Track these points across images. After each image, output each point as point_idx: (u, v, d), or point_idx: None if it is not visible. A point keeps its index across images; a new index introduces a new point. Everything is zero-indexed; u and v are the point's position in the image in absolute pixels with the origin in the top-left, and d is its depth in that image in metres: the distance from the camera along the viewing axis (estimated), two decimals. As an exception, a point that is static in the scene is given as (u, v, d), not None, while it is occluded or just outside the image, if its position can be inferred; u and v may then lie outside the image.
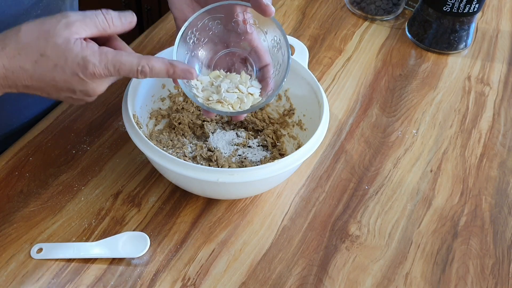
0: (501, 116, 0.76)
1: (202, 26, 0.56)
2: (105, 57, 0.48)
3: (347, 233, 0.60)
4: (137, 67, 0.49)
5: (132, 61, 0.49)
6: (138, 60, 0.49)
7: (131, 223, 0.59)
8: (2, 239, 0.57)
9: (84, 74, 0.48)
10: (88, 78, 0.49)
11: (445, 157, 0.69)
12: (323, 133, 0.57)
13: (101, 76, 0.49)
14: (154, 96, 0.66)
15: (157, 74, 0.51)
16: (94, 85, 0.50)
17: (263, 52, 0.57)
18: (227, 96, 0.55)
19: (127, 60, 0.49)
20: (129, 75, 0.50)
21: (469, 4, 0.78)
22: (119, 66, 0.49)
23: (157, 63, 0.50)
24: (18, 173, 0.63)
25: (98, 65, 0.48)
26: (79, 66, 0.48)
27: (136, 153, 0.66)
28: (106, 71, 0.49)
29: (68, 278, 0.54)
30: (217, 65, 0.59)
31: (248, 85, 0.57)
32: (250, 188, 0.58)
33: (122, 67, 0.49)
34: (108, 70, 0.49)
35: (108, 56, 0.49)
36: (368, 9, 0.89)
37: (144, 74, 0.50)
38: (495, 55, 0.86)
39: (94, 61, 0.48)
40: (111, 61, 0.49)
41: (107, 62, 0.49)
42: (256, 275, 0.56)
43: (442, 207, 0.64)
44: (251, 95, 0.56)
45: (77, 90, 0.50)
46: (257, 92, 0.56)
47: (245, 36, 0.57)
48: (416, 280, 0.57)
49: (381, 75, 0.81)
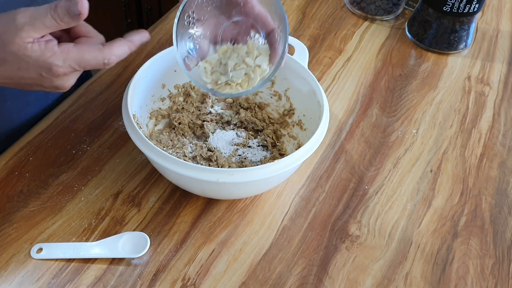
0: (501, 116, 0.76)
1: (198, 6, 0.55)
2: (67, 56, 0.48)
3: (347, 233, 0.60)
4: (103, 61, 0.50)
5: (95, 56, 0.49)
6: (102, 54, 0.49)
7: (131, 223, 0.59)
8: (2, 239, 0.57)
9: (48, 74, 0.49)
10: (54, 77, 0.49)
11: (445, 157, 0.69)
12: (323, 133, 0.57)
13: (65, 74, 0.49)
14: (154, 96, 0.66)
15: (122, 57, 0.51)
16: (61, 82, 0.50)
17: (266, 17, 0.56)
18: (234, 75, 0.54)
19: (90, 56, 0.49)
20: (94, 68, 0.50)
21: (469, 4, 0.78)
22: (84, 63, 0.49)
23: (119, 49, 0.50)
24: (18, 173, 0.63)
25: (61, 65, 0.48)
26: (42, 68, 0.48)
27: (136, 153, 0.66)
28: (70, 68, 0.49)
29: (68, 278, 0.54)
30: (224, 39, 0.58)
31: (256, 54, 0.56)
32: (250, 188, 0.58)
33: (87, 63, 0.49)
34: (72, 67, 0.49)
35: (70, 55, 0.48)
36: (368, 9, 0.89)
37: (111, 63, 0.50)
38: (495, 55, 0.86)
39: (56, 63, 0.48)
40: (73, 59, 0.48)
41: (70, 61, 0.48)
42: (256, 275, 0.56)
43: (442, 207, 0.64)
44: (259, 67, 0.55)
45: (46, 86, 0.50)
46: (266, 61, 0.56)
47: (245, 3, 0.56)
48: (416, 280, 0.57)
49: (381, 75, 0.81)
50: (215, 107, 0.71)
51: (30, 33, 0.47)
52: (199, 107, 0.70)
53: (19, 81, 0.50)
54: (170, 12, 0.89)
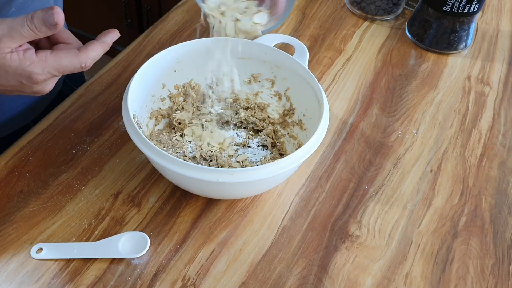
0: (501, 116, 0.76)
1: None
2: (45, 64, 0.50)
3: (347, 233, 0.60)
4: (79, 65, 0.51)
5: (72, 61, 0.51)
6: (78, 59, 0.51)
7: (131, 223, 0.59)
8: (2, 239, 0.57)
9: (28, 82, 0.50)
10: (34, 84, 0.51)
11: (445, 157, 0.69)
12: (323, 133, 0.57)
13: (45, 80, 0.51)
14: (154, 96, 0.66)
15: (97, 58, 0.53)
16: (40, 87, 0.52)
17: None
18: None
19: (68, 62, 0.51)
20: (73, 72, 0.52)
21: (469, 4, 0.78)
22: (62, 69, 0.51)
23: (94, 51, 0.52)
24: (18, 173, 0.63)
25: (40, 73, 0.50)
26: (22, 77, 0.50)
27: (136, 153, 0.66)
28: (49, 75, 0.51)
29: (68, 278, 0.54)
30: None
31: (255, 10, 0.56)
32: (250, 188, 0.58)
33: (65, 68, 0.51)
34: (51, 73, 0.51)
35: (48, 62, 0.50)
36: (368, 9, 0.89)
37: (87, 67, 0.52)
38: (495, 55, 0.86)
39: (35, 71, 0.50)
40: (52, 66, 0.50)
41: (48, 68, 0.50)
42: (256, 275, 0.56)
43: (442, 207, 0.64)
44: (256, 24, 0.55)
45: (26, 92, 0.52)
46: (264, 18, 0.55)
47: None
48: (416, 280, 0.57)
49: (381, 75, 0.81)
50: (215, 107, 0.71)
51: (8, 44, 0.48)
52: (199, 107, 0.70)
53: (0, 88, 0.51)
54: (170, 12, 0.89)
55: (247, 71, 0.69)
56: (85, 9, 1.81)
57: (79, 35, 0.64)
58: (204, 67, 0.68)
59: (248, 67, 0.68)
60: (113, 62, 0.78)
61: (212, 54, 0.66)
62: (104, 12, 1.79)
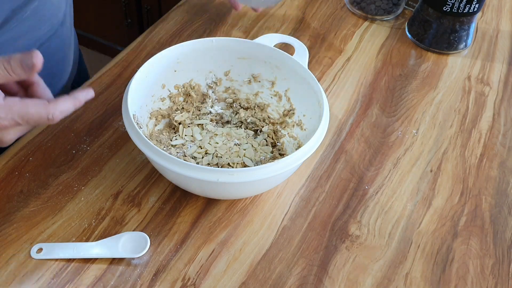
0: (501, 116, 0.76)
1: None
2: (10, 110, 0.48)
3: (347, 233, 0.60)
4: (47, 116, 0.49)
5: (39, 111, 0.49)
6: (46, 110, 0.49)
7: (131, 223, 0.59)
8: (2, 239, 0.57)
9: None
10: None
11: (445, 157, 0.69)
12: (323, 133, 0.57)
13: (7, 127, 0.49)
14: (154, 96, 0.66)
15: (67, 113, 0.51)
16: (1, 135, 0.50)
17: None
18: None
19: (34, 111, 0.49)
20: (39, 124, 0.50)
21: (469, 4, 0.78)
22: (27, 117, 0.49)
23: (63, 105, 0.50)
24: (18, 173, 0.63)
25: (3, 118, 0.48)
26: None
27: (136, 153, 0.66)
28: (12, 121, 0.48)
29: (68, 278, 0.54)
30: None
31: None
32: (250, 188, 0.58)
33: (31, 117, 0.49)
34: (16, 121, 0.49)
35: (13, 109, 0.48)
36: (368, 9, 0.89)
37: (55, 119, 0.50)
38: (495, 55, 0.86)
39: None
40: (17, 113, 0.48)
41: (13, 114, 0.48)
42: (256, 275, 0.56)
43: (442, 207, 0.64)
44: None
45: None
46: None
47: None
48: (416, 280, 0.57)
49: (381, 75, 0.81)
50: (215, 107, 0.71)
51: None
52: (199, 107, 0.70)
53: None
54: (170, 12, 0.89)
55: (247, 71, 0.69)
56: (85, 9, 1.81)
57: (79, 35, 0.65)
58: (204, 67, 0.68)
59: (248, 67, 0.68)
60: (113, 62, 0.78)
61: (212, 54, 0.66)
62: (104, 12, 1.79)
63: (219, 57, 0.67)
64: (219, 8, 0.91)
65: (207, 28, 0.87)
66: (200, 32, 0.85)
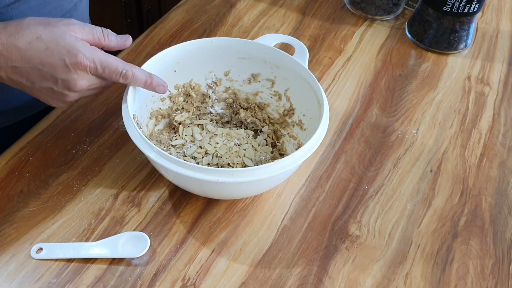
0: (501, 116, 0.76)
1: None
2: (95, 53, 0.52)
3: (347, 233, 0.60)
4: (122, 70, 0.54)
5: (118, 63, 0.54)
6: (123, 65, 0.54)
7: (131, 223, 0.59)
8: (2, 239, 0.57)
9: (70, 61, 0.52)
10: (73, 67, 0.52)
11: (445, 157, 0.69)
12: (323, 133, 0.57)
13: (85, 68, 0.52)
14: (154, 96, 0.66)
15: (136, 81, 0.56)
16: (76, 76, 0.53)
17: None
18: None
19: (114, 61, 0.54)
20: (111, 76, 0.54)
21: (469, 4, 0.78)
22: (106, 65, 0.53)
23: (139, 71, 0.56)
24: (18, 173, 0.63)
25: (86, 57, 0.52)
26: (68, 53, 0.51)
27: (136, 153, 0.66)
28: (92, 64, 0.52)
29: (68, 278, 0.54)
30: None
31: None
32: (250, 188, 0.58)
33: (109, 66, 0.53)
34: (95, 64, 0.52)
35: (97, 53, 0.53)
36: (368, 9, 0.89)
37: (126, 78, 0.55)
38: (495, 55, 0.86)
39: (84, 52, 0.52)
40: (99, 58, 0.53)
41: (95, 57, 0.52)
42: (256, 275, 0.56)
43: (442, 207, 0.64)
44: None
45: (59, 79, 0.53)
46: None
47: None
48: (416, 280, 0.57)
49: (381, 75, 0.81)
50: (215, 107, 0.71)
51: (77, 30, 0.53)
52: (199, 107, 0.70)
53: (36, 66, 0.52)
54: (170, 12, 0.89)
55: (247, 71, 0.69)
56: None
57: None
58: (204, 67, 0.68)
59: (248, 67, 0.68)
60: (113, 62, 0.78)
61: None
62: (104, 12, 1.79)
63: (219, 57, 0.67)
64: (219, 8, 0.91)
65: (207, 28, 0.87)
66: (200, 32, 0.86)
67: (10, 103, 0.72)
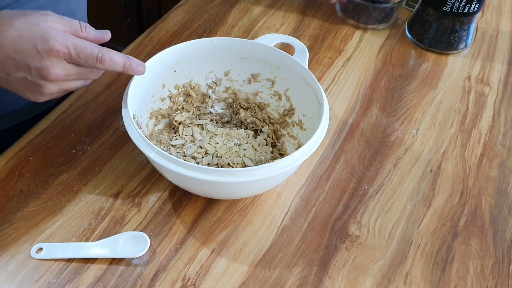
0: (501, 116, 0.76)
1: None
2: (68, 38, 0.51)
3: (347, 233, 0.60)
4: (97, 53, 0.52)
5: (93, 48, 0.52)
6: (99, 49, 0.52)
7: (131, 223, 0.59)
8: (2, 239, 0.57)
9: (42, 47, 0.50)
10: (46, 53, 0.50)
11: (445, 157, 0.69)
12: (323, 133, 0.57)
13: (58, 54, 0.51)
14: (154, 96, 0.66)
15: (114, 65, 0.54)
16: (49, 63, 0.51)
17: None
18: None
19: (88, 46, 0.52)
20: (87, 62, 0.52)
21: (469, 4, 0.78)
22: (80, 49, 0.51)
23: (116, 55, 0.54)
24: (18, 173, 0.63)
25: (59, 42, 0.50)
26: (41, 39, 0.50)
27: (136, 153, 0.66)
28: (66, 49, 0.51)
29: (68, 278, 0.54)
30: None
31: None
32: (250, 188, 0.58)
33: (84, 50, 0.51)
34: (68, 49, 0.51)
35: (71, 38, 0.51)
36: (359, 17, 0.88)
37: (103, 62, 0.52)
38: (495, 55, 0.86)
39: (56, 37, 0.50)
40: (72, 42, 0.51)
41: (68, 42, 0.51)
42: (256, 275, 0.56)
43: (442, 207, 0.64)
44: None
45: (32, 67, 0.51)
46: None
47: None
48: (416, 280, 0.57)
49: (381, 75, 0.81)
50: (215, 107, 0.71)
51: (53, 21, 0.51)
52: (199, 107, 0.70)
53: (10, 55, 0.51)
54: (170, 12, 0.89)
55: (247, 71, 0.69)
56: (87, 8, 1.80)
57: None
58: (204, 67, 0.68)
59: (248, 67, 0.68)
60: (113, 62, 0.78)
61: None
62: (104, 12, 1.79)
63: (219, 57, 0.67)
64: (219, 8, 0.91)
65: (207, 28, 0.87)
66: (200, 32, 0.86)
67: (5, 107, 0.72)
